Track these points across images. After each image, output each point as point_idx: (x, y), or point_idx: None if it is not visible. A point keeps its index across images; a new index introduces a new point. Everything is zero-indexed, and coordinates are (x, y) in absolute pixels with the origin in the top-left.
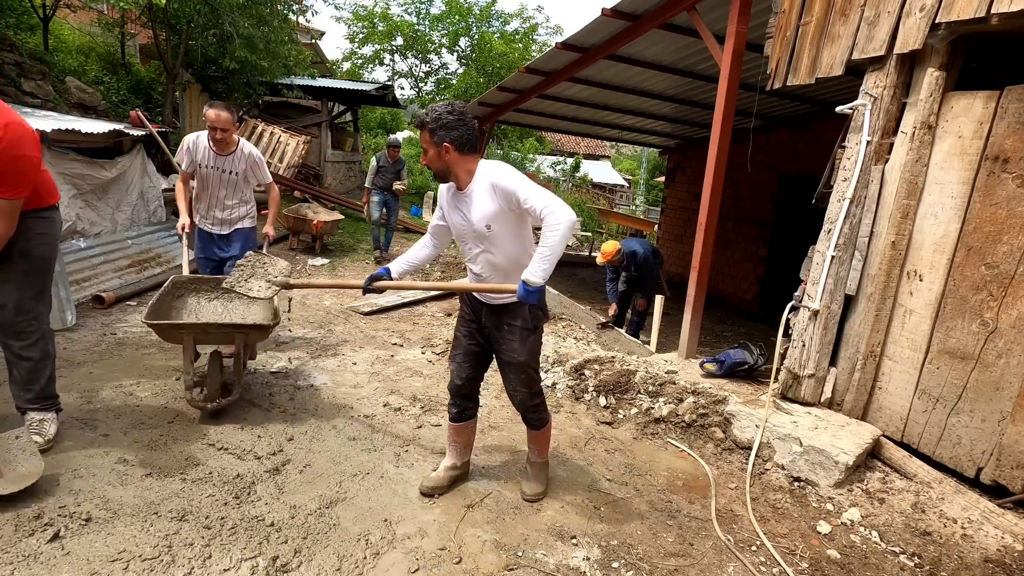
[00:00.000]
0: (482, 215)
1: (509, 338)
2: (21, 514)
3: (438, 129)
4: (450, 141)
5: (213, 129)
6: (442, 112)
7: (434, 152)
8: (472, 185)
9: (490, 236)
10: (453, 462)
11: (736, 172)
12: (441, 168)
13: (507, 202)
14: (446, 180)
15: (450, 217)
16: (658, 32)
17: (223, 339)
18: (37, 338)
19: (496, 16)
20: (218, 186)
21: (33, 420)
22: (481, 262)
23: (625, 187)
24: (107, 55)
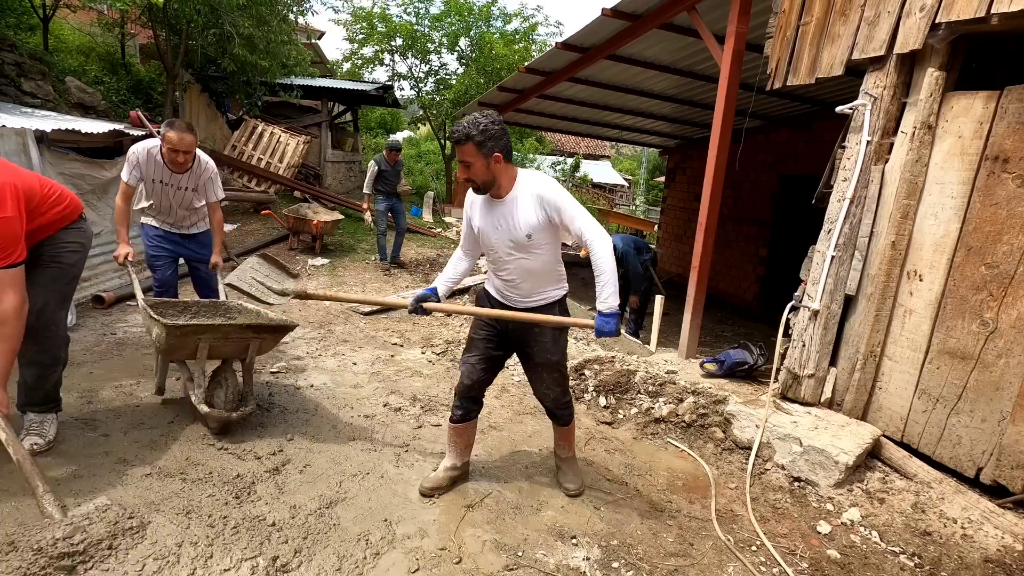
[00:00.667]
0: (525, 224)
1: (541, 339)
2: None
3: (487, 140)
4: (500, 150)
5: (175, 152)
6: (485, 123)
7: (482, 163)
8: (513, 192)
9: (529, 245)
10: (453, 463)
11: (736, 172)
12: (488, 179)
13: (552, 216)
14: (487, 191)
15: (482, 225)
16: (658, 32)
17: (237, 345)
18: (52, 344)
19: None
20: (172, 200)
21: (33, 420)
22: (515, 269)
23: (625, 187)
24: (107, 55)
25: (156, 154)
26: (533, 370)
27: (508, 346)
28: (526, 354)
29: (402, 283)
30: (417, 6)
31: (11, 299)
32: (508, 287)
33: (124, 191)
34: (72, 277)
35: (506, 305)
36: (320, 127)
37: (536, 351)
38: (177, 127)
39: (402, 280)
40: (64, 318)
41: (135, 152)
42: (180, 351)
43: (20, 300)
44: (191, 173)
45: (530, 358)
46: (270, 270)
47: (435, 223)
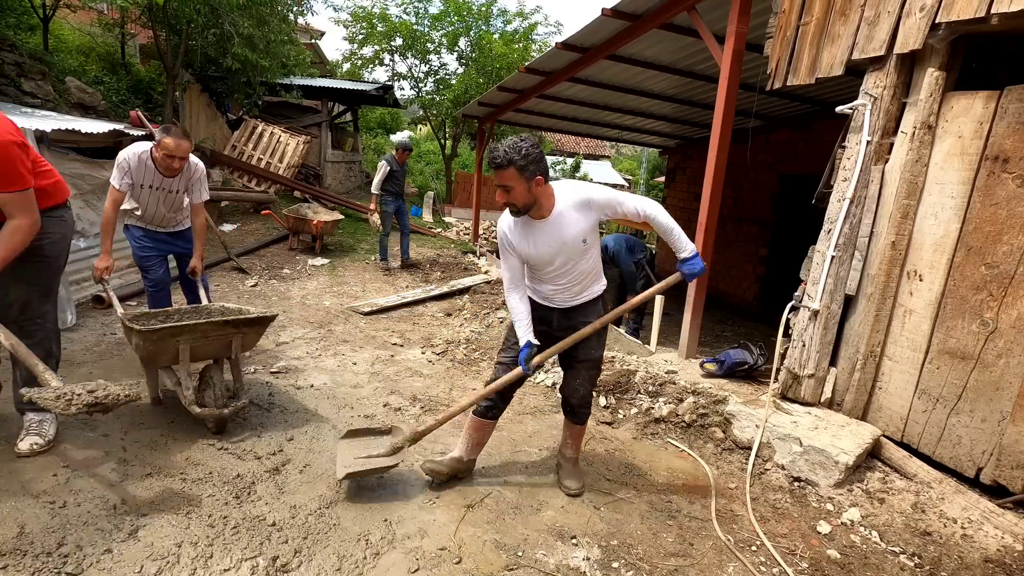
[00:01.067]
0: (579, 231)
1: (587, 337)
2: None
3: (529, 164)
4: (542, 173)
5: (171, 158)
6: (526, 147)
7: (524, 187)
8: (558, 207)
9: (584, 248)
10: (461, 455)
11: (736, 172)
12: (529, 202)
13: (604, 213)
14: (525, 212)
15: (531, 248)
16: (658, 32)
17: (219, 343)
18: (41, 337)
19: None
20: (162, 204)
21: (32, 420)
22: (571, 274)
23: (625, 187)
24: (107, 55)
25: (147, 159)
26: (573, 367)
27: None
28: (569, 352)
29: (402, 283)
30: (417, 6)
31: (28, 217)
32: (557, 292)
33: (115, 198)
34: (56, 269)
35: (551, 307)
36: (320, 127)
37: (581, 348)
38: (174, 133)
39: (402, 280)
40: (51, 311)
41: (126, 159)
42: (162, 356)
43: (32, 220)
44: (182, 176)
45: (574, 355)
46: (364, 441)
47: (435, 223)
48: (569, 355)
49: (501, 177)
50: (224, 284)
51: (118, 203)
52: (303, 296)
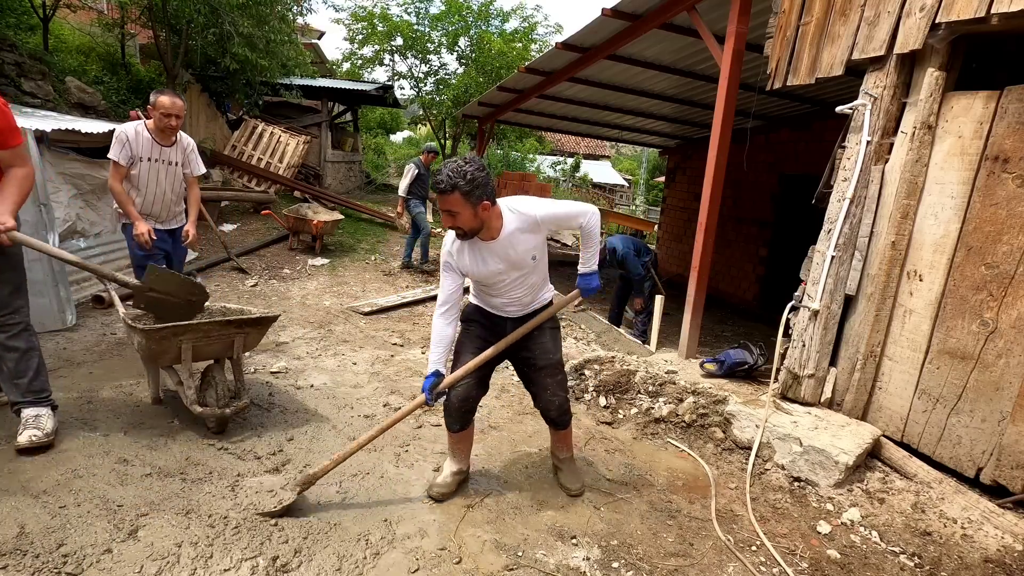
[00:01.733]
0: (527, 249)
1: (542, 340)
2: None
3: (474, 190)
4: (487, 197)
5: (168, 116)
6: (470, 171)
7: (470, 212)
8: (507, 228)
9: (534, 264)
10: (459, 467)
11: (736, 172)
12: (476, 227)
13: (552, 228)
14: (472, 236)
15: (480, 268)
16: (658, 32)
17: (222, 343)
18: (20, 330)
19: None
20: (163, 180)
21: (28, 417)
22: (521, 287)
23: (625, 187)
24: (107, 55)
25: (143, 131)
26: (537, 375)
27: (500, 357)
28: (525, 359)
29: (402, 283)
30: (417, 6)
31: (30, 166)
32: (509, 303)
33: (118, 172)
34: (19, 265)
35: (502, 317)
36: (320, 127)
37: (538, 354)
38: (167, 92)
39: (402, 280)
40: (24, 305)
41: (124, 131)
42: (165, 355)
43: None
44: (177, 146)
45: (532, 363)
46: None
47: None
48: (525, 360)
49: (445, 202)
50: (224, 284)
51: (122, 176)
52: (303, 296)
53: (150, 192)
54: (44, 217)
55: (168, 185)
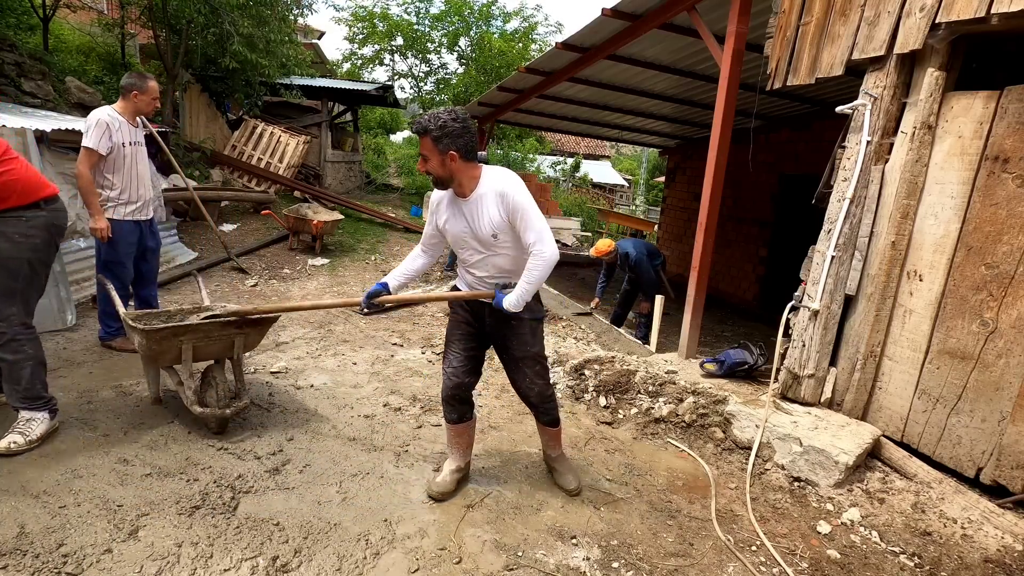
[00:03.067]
0: (489, 223)
1: (520, 332)
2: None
3: (443, 137)
4: (456, 149)
5: (156, 99)
6: (447, 119)
7: (438, 160)
8: (478, 191)
9: (496, 243)
10: (458, 464)
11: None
12: (444, 176)
13: (510, 216)
14: (445, 187)
15: (448, 224)
16: (658, 32)
17: (222, 343)
18: (8, 340)
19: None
20: (142, 161)
21: (21, 419)
22: (486, 266)
23: (625, 187)
24: (107, 55)
25: (118, 117)
26: (515, 366)
27: (486, 342)
28: (505, 348)
29: None
30: (417, 6)
31: None
32: (478, 282)
33: (92, 160)
34: (15, 272)
35: (480, 303)
36: (320, 127)
37: (516, 344)
38: (150, 76)
39: None
40: (17, 314)
41: (103, 119)
42: (165, 356)
43: None
44: (140, 127)
45: (510, 352)
46: None
47: None
48: (505, 349)
49: (421, 145)
50: (224, 284)
51: (94, 165)
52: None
53: (137, 175)
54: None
55: (144, 167)
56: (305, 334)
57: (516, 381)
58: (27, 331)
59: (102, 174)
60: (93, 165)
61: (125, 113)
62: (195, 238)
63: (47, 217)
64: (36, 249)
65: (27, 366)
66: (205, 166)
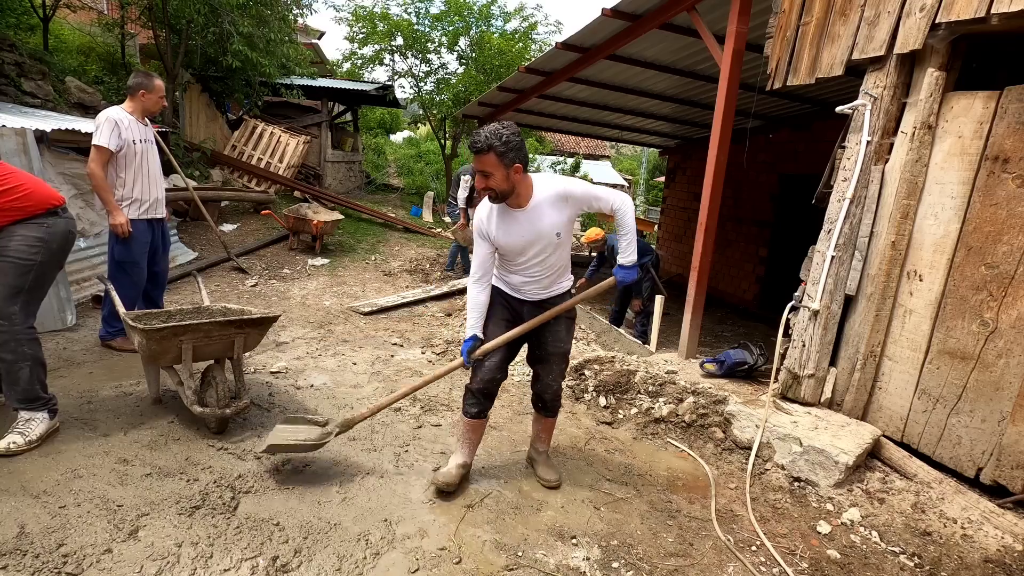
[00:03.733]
0: (553, 224)
1: (557, 329)
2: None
3: (508, 152)
4: (520, 161)
5: (163, 98)
6: (507, 134)
7: (503, 174)
8: (536, 199)
9: (558, 242)
10: (464, 460)
11: (736, 172)
12: (507, 189)
13: (580, 208)
14: (502, 200)
15: (505, 236)
16: (658, 32)
17: (222, 343)
18: (7, 339)
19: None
20: (153, 159)
21: (20, 419)
22: (541, 267)
23: (625, 187)
24: (107, 55)
25: (127, 116)
26: (545, 361)
27: (522, 340)
28: (539, 343)
29: (402, 283)
30: (417, 6)
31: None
32: (528, 283)
33: (103, 158)
34: (24, 272)
35: (522, 300)
36: (320, 127)
37: (551, 340)
38: (152, 75)
39: (402, 280)
40: (19, 313)
41: (112, 118)
42: (165, 355)
43: None
44: (149, 125)
45: (544, 348)
46: (299, 427)
47: (435, 223)
48: (540, 345)
49: (481, 162)
50: (224, 284)
51: (106, 163)
52: (303, 296)
53: (149, 173)
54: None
55: (156, 166)
56: (305, 334)
57: (542, 376)
58: (28, 331)
59: (116, 172)
60: (105, 163)
61: (134, 112)
62: (195, 238)
63: (66, 223)
64: (51, 253)
65: (25, 367)
66: (205, 166)
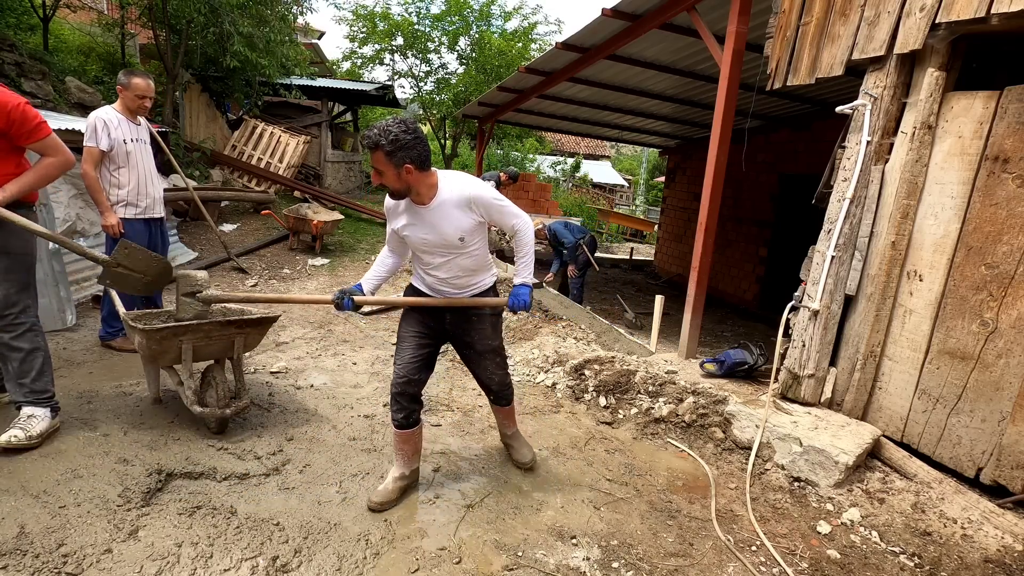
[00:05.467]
0: (456, 228)
1: (480, 328)
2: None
3: (396, 151)
4: (411, 161)
5: (143, 98)
6: (397, 132)
7: (393, 173)
8: (439, 198)
9: (462, 246)
10: (402, 471)
11: (736, 172)
12: (401, 188)
13: (484, 215)
14: (403, 198)
15: (409, 231)
16: (658, 32)
17: (222, 343)
18: (25, 329)
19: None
20: (147, 159)
21: (22, 415)
22: (450, 267)
23: (625, 187)
24: (107, 55)
25: (117, 115)
26: (476, 359)
27: (442, 339)
28: (467, 344)
29: (402, 283)
30: (418, 5)
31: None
32: (441, 283)
33: (95, 158)
34: (29, 267)
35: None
36: (320, 127)
37: (477, 339)
38: (140, 74)
39: (402, 280)
40: (32, 304)
41: (100, 117)
42: (165, 355)
43: (66, 158)
44: (143, 125)
45: (472, 347)
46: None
47: None
48: (466, 344)
49: (372, 159)
50: (224, 284)
51: (97, 163)
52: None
53: (144, 173)
54: (44, 217)
55: (149, 165)
56: (305, 334)
57: (477, 373)
58: (39, 324)
59: (109, 172)
60: (96, 163)
61: (124, 112)
62: (195, 238)
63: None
64: (34, 247)
65: (39, 356)
66: (205, 166)
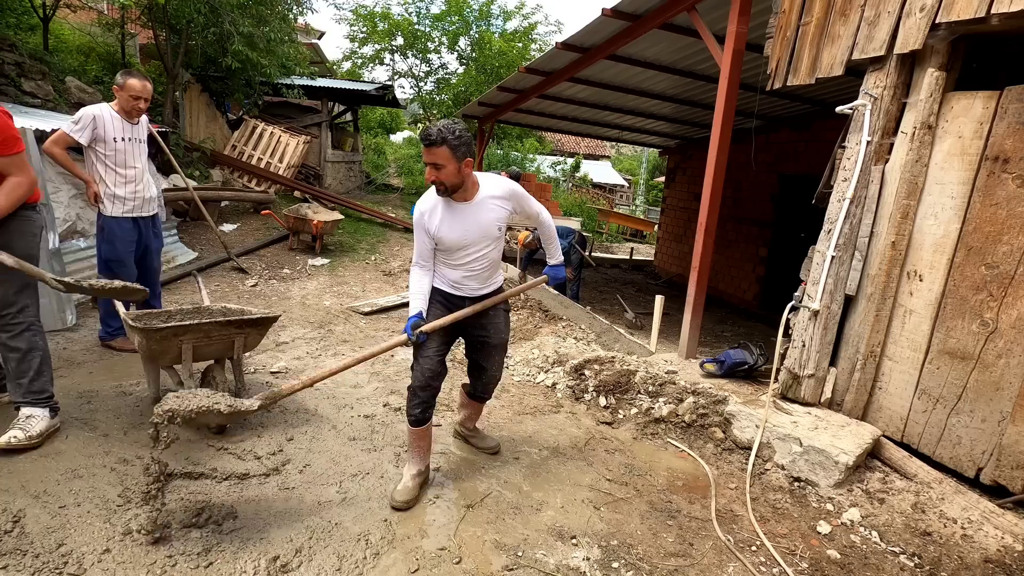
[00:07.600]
0: (496, 218)
1: (496, 321)
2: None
3: (460, 146)
4: (471, 156)
5: (137, 99)
6: (459, 129)
7: (454, 167)
8: (482, 193)
9: (498, 236)
10: (418, 468)
11: (736, 172)
12: (457, 182)
13: (517, 206)
14: (451, 194)
15: (447, 230)
16: (658, 32)
17: (222, 343)
18: (22, 329)
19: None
20: (137, 157)
21: (21, 416)
22: (482, 261)
23: (625, 187)
24: (107, 55)
25: (111, 113)
26: (490, 351)
27: (457, 334)
28: (481, 338)
29: (402, 283)
30: (418, 5)
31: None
32: (468, 279)
33: (63, 141)
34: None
35: (462, 297)
36: (320, 127)
37: (492, 333)
38: (136, 75)
39: (402, 280)
40: (31, 304)
41: (90, 112)
42: (165, 355)
43: (31, 179)
44: (142, 123)
45: (487, 340)
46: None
47: None
48: (480, 338)
49: (433, 155)
50: (224, 284)
51: (65, 144)
52: (303, 296)
53: (134, 172)
54: (44, 217)
55: (140, 162)
56: (305, 334)
57: (487, 368)
58: (39, 323)
59: (93, 167)
60: (61, 145)
61: (121, 111)
62: (195, 238)
63: (40, 219)
64: (37, 246)
65: (37, 356)
66: (205, 166)
